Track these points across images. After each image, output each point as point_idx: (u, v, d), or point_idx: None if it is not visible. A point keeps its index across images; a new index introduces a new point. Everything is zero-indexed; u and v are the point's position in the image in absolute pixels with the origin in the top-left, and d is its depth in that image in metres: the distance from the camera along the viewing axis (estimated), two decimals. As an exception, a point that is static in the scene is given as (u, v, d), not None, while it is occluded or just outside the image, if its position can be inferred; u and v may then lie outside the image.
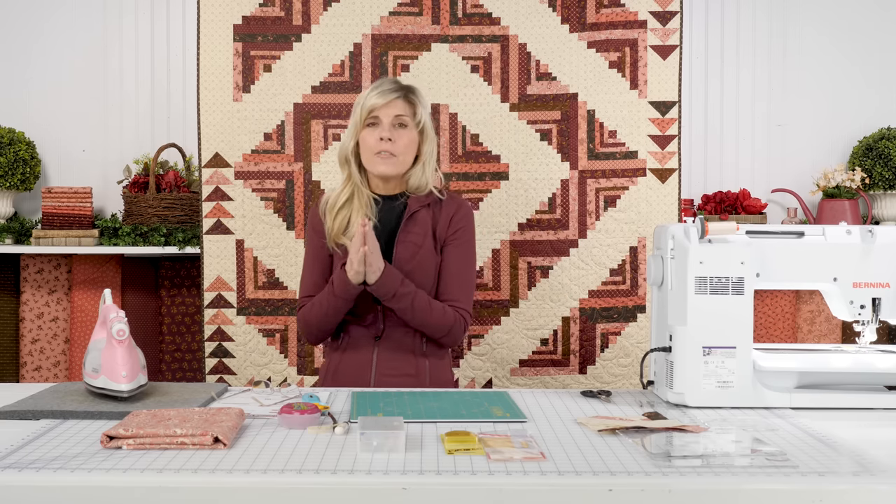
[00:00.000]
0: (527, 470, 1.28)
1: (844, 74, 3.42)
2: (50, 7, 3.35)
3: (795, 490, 1.23)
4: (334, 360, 2.23)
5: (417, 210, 2.17)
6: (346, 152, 2.20)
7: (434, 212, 2.20)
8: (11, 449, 1.38)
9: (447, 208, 2.22)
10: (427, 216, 2.18)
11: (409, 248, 2.14)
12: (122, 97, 3.37)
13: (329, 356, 2.27)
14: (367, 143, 2.14)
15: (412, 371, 2.15)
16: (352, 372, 2.17)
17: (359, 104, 2.17)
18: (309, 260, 2.26)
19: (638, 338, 2.95)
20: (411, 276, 2.12)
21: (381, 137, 2.11)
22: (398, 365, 2.15)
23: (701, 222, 1.75)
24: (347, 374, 2.17)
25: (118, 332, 1.67)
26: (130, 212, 3.14)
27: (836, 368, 1.78)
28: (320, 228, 2.23)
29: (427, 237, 2.16)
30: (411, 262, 2.13)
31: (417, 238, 2.15)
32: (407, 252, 2.14)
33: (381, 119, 2.13)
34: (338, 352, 2.23)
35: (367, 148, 2.14)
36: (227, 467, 1.29)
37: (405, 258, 2.13)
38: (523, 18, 2.94)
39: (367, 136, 2.14)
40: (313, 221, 2.27)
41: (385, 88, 2.14)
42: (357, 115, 2.17)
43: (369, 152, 2.13)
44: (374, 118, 2.13)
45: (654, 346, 1.86)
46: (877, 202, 3.30)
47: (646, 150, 2.93)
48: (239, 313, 2.95)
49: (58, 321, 3.17)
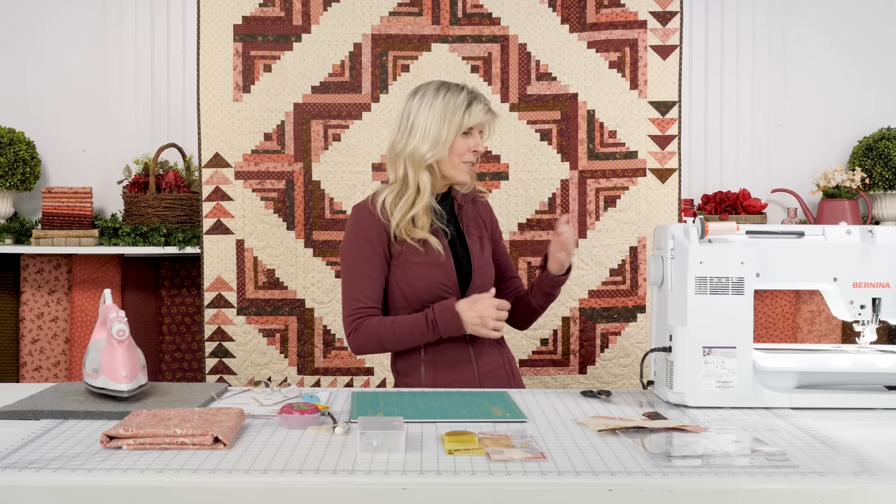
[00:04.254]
0: (527, 470, 1.28)
1: (844, 75, 3.42)
2: (50, 7, 3.36)
3: (795, 490, 1.23)
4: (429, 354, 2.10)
5: (463, 205, 2.23)
6: (422, 156, 2.09)
7: (473, 206, 2.27)
8: (11, 449, 1.38)
9: (480, 203, 2.30)
10: (472, 211, 2.25)
11: (477, 242, 2.20)
12: (122, 97, 3.37)
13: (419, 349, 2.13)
14: (459, 150, 2.12)
15: (502, 363, 2.18)
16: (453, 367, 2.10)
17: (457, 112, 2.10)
18: (362, 268, 2.10)
19: (638, 338, 2.95)
20: (486, 267, 2.18)
21: (475, 150, 2.14)
22: (493, 359, 2.16)
23: (701, 222, 1.75)
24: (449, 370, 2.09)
25: (118, 332, 1.67)
26: (130, 212, 3.14)
27: (836, 368, 1.78)
28: (376, 234, 2.10)
29: (480, 228, 2.24)
30: (483, 254, 2.19)
31: (476, 230, 2.23)
32: (477, 246, 2.19)
33: (475, 130, 2.16)
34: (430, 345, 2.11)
35: (456, 154, 2.13)
36: (227, 467, 1.29)
37: (477, 251, 2.18)
38: (523, 18, 2.94)
39: (461, 144, 2.12)
40: (366, 229, 2.11)
41: (486, 104, 2.15)
42: (455, 125, 2.10)
43: (458, 159, 2.13)
44: (469, 129, 2.14)
45: (654, 346, 1.86)
46: (877, 202, 3.30)
47: (646, 150, 2.93)
48: (239, 313, 2.95)
49: (58, 321, 3.17)
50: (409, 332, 2.05)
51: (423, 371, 2.09)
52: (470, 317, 2.02)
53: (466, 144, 2.12)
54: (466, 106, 2.11)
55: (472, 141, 2.13)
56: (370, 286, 2.09)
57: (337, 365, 2.96)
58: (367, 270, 2.09)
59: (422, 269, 2.09)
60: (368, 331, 2.06)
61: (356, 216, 2.14)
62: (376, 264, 2.09)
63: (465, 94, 2.13)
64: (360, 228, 2.12)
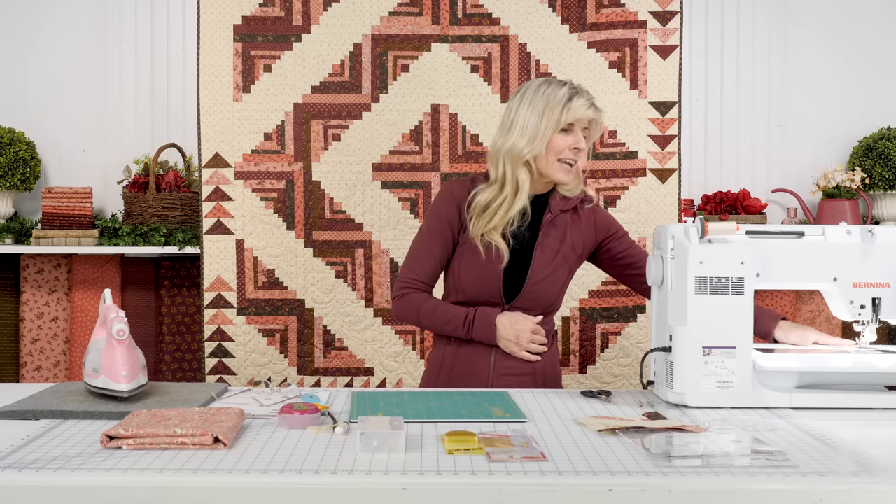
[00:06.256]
0: (527, 470, 1.28)
1: (844, 75, 3.42)
2: (50, 7, 3.36)
3: (795, 490, 1.23)
4: (449, 353, 2.14)
5: (557, 215, 2.13)
6: (520, 153, 2.05)
7: (572, 217, 2.15)
8: (11, 449, 1.37)
9: (587, 216, 2.17)
10: (565, 221, 2.14)
11: (547, 254, 2.11)
12: (122, 97, 3.37)
13: (442, 348, 2.17)
14: (557, 147, 2.05)
15: (530, 370, 2.10)
16: (469, 369, 2.11)
17: (556, 107, 2.04)
18: (428, 244, 2.14)
19: (638, 338, 2.95)
20: (544, 283, 2.09)
21: (575, 147, 2.05)
22: (516, 364, 2.09)
23: (701, 222, 1.75)
24: (464, 371, 2.11)
25: (118, 332, 1.67)
26: (130, 212, 3.14)
27: (836, 368, 1.78)
28: (453, 217, 2.12)
29: (564, 243, 2.12)
30: (547, 269, 2.10)
31: (555, 244, 2.12)
32: (545, 258, 2.11)
33: (576, 127, 2.07)
34: (453, 345, 2.14)
35: (555, 153, 2.06)
36: (227, 467, 1.29)
37: (543, 264, 2.10)
38: (523, 18, 2.94)
39: (559, 140, 2.05)
40: (450, 209, 2.13)
41: (589, 100, 2.06)
42: (554, 120, 2.04)
43: (555, 156, 2.06)
44: (569, 125, 2.06)
45: (654, 346, 1.86)
46: (877, 202, 3.30)
47: (646, 150, 2.93)
48: (239, 313, 2.95)
49: (58, 321, 3.17)
50: (445, 322, 2.10)
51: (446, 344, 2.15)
52: (507, 332, 2.04)
53: (566, 142, 2.05)
54: (566, 101, 2.04)
55: (572, 138, 2.05)
56: (430, 264, 2.14)
57: (337, 365, 2.96)
58: (432, 248, 2.13)
59: (474, 268, 2.09)
60: (412, 304, 2.12)
61: (445, 192, 2.16)
62: (442, 246, 2.13)
63: (566, 89, 2.06)
64: (445, 207, 2.14)
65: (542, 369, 2.12)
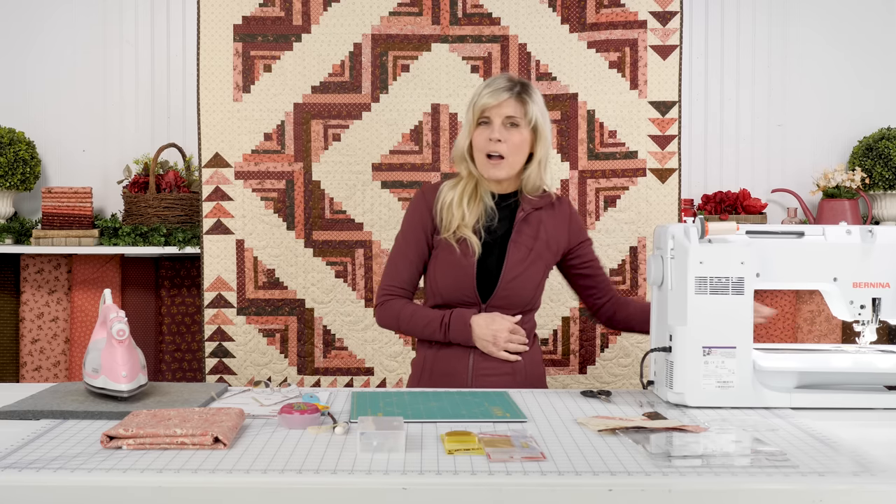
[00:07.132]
0: (527, 470, 1.28)
1: (844, 75, 3.42)
2: (50, 7, 3.36)
3: (795, 490, 1.23)
4: (429, 356, 2.15)
5: (530, 212, 2.13)
6: (462, 151, 2.12)
7: (546, 214, 2.15)
8: (11, 449, 1.37)
9: (560, 210, 2.18)
10: (539, 219, 2.14)
11: (521, 251, 2.10)
12: (122, 97, 3.37)
13: (423, 351, 2.19)
14: (478, 143, 2.07)
15: (509, 370, 2.09)
16: (448, 370, 2.11)
17: (472, 103, 2.09)
18: (403, 250, 2.17)
19: (638, 338, 2.94)
20: (519, 280, 2.09)
21: (490, 138, 2.04)
22: (495, 365, 2.09)
23: (701, 222, 1.75)
24: (443, 372, 2.12)
25: (118, 332, 1.67)
26: (130, 212, 3.14)
27: (836, 368, 1.78)
28: (426, 221, 2.15)
29: (538, 241, 2.12)
30: (521, 266, 2.10)
31: (529, 241, 2.12)
32: (519, 255, 2.10)
33: (493, 119, 2.05)
34: (433, 348, 2.15)
35: (477, 149, 2.08)
36: (227, 467, 1.29)
37: (517, 260, 2.09)
38: (523, 18, 2.94)
39: (478, 136, 2.07)
40: (421, 214, 2.16)
41: (497, 87, 2.05)
42: (470, 115, 2.09)
43: (480, 153, 2.07)
44: (485, 118, 2.06)
45: (654, 346, 1.86)
46: (877, 202, 3.30)
47: (646, 150, 2.93)
48: (239, 313, 2.95)
49: (58, 321, 3.17)
50: (423, 326, 2.11)
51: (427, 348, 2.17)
52: (483, 332, 2.05)
53: (482, 134, 2.06)
54: (479, 92, 2.06)
55: (488, 131, 2.05)
56: (407, 270, 2.16)
57: (337, 365, 2.96)
58: (408, 254, 2.16)
59: (448, 266, 2.10)
60: (392, 311, 2.15)
61: (417, 198, 2.19)
62: (417, 250, 2.15)
63: (491, 81, 2.07)
64: (417, 212, 2.17)
65: (523, 368, 2.11)
